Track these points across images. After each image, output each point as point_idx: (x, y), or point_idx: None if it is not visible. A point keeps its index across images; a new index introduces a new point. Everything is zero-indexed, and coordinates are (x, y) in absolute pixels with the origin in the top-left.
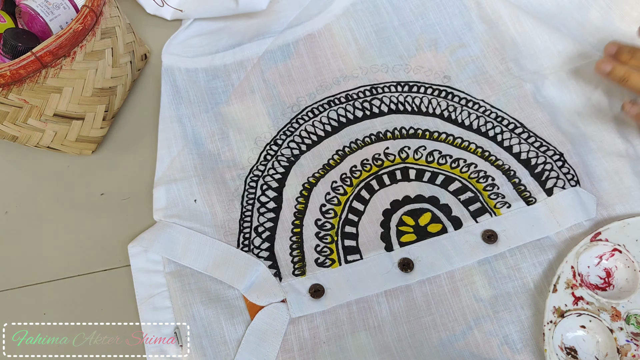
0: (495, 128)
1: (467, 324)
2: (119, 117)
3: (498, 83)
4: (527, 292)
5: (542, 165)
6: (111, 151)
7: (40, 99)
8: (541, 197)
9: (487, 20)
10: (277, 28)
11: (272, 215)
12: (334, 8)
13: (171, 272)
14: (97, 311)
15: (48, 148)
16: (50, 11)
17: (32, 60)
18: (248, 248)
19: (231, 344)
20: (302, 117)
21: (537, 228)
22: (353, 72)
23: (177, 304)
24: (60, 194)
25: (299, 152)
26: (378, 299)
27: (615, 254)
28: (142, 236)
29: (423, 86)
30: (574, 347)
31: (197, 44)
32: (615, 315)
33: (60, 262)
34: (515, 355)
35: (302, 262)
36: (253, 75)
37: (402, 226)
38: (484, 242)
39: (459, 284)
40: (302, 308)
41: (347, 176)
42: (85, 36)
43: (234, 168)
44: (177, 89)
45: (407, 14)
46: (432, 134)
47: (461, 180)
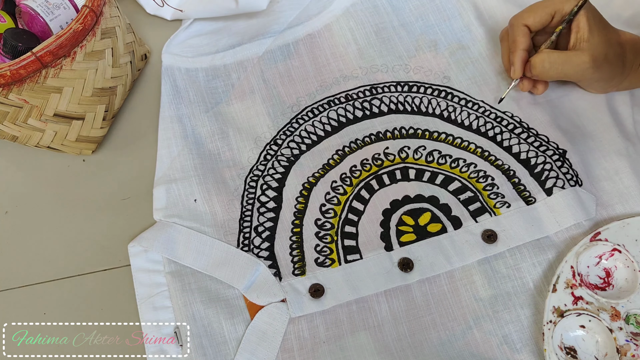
0: (494, 128)
1: (467, 323)
2: (119, 117)
3: (497, 84)
4: (526, 291)
5: (541, 165)
6: (111, 151)
7: (41, 99)
8: (541, 196)
9: (485, 23)
10: (277, 28)
11: (272, 215)
12: (334, 8)
13: (171, 271)
14: (97, 311)
15: (48, 148)
16: (51, 11)
17: (32, 60)
18: (248, 248)
19: (231, 343)
20: (302, 117)
21: (537, 228)
22: (353, 72)
23: (177, 304)
24: (60, 194)
25: (299, 152)
26: (378, 298)
27: (614, 253)
28: (142, 236)
29: (423, 86)
30: (573, 346)
31: (197, 44)
32: (614, 315)
33: (60, 262)
34: (514, 355)
35: (302, 262)
36: (253, 75)
37: (401, 226)
38: (483, 241)
39: (458, 283)
40: (302, 308)
41: (347, 176)
42: (86, 36)
43: (233, 168)
44: (177, 88)
45: (406, 15)
46: (432, 134)
47: (461, 180)
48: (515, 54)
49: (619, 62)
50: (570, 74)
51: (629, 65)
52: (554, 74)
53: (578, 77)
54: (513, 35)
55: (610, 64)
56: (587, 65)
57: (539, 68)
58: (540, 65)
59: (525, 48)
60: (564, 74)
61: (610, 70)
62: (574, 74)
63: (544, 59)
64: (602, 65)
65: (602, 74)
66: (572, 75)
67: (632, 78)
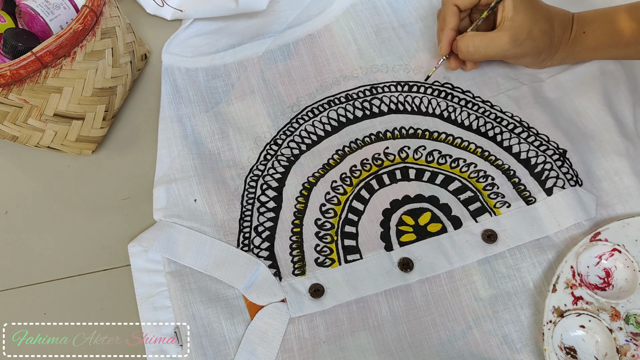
0: (494, 128)
1: (467, 323)
2: (119, 117)
3: (497, 85)
4: (526, 291)
5: (541, 165)
6: (111, 151)
7: (41, 99)
8: (541, 196)
9: None
10: (277, 28)
11: (272, 214)
12: (334, 8)
13: (171, 271)
14: (97, 311)
15: (48, 148)
16: (51, 11)
17: (32, 60)
18: (248, 248)
19: (231, 343)
20: (302, 117)
21: (537, 228)
22: (353, 72)
23: (177, 304)
24: (60, 194)
25: (299, 152)
26: (378, 298)
27: (614, 253)
28: (142, 236)
29: (423, 86)
30: (573, 346)
31: (197, 43)
32: (614, 315)
33: (60, 262)
34: (514, 355)
35: (302, 262)
36: (253, 75)
37: (402, 226)
38: (483, 241)
39: (458, 283)
40: (302, 308)
41: (347, 176)
42: (86, 36)
43: (233, 168)
44: (177, 88)
45: (406, 16)
46: (432, 133)
47: (461, 180)
48: (442, 32)
49: (545, 38)
50: (493, 55)
51: (557, 40)
52: (479, 56)
53: (502, 57)
54: (443, 14)
55: (535, 40)
56: (507, 45)
57: (463, 51)
58: (464, 48)
59: (452, 27)
60: (487, 55)
61: (534, 47)
62: (496, 54)
63: (468, 43)
64: (524, 42)
65: (525, 50)
66: (496, 55)
67: (563, 52)
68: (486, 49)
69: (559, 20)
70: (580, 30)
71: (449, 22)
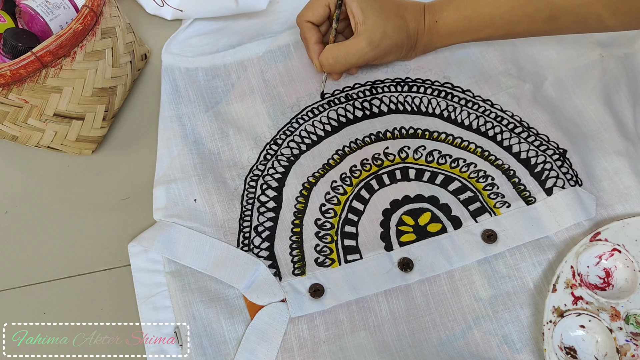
0: (494, 128)
1: (467, 323)
2: (119, 117)
3: (497, 83)
4: (526, 291)
5: (541, 165)
6: (111, 151)
7: (41, 99)
8: (541, 196)
9: None
10: (277, 28)
11: (272, 214)
12: None
13: (171, 271)
14: (97, 311)
15: (48, 148)
16: (51, 11)
17: (32, 60)
18: (248, 247)
19: (231, 343)
20: (302, 116)
21: (537, 228)
22: (352, 71)
23: (177, 304)
24: (60, 194)
25: (299, 152)
26: (378, 298)
27: (614, 253)
28: (142, 236)
29: (423, 86)
30: (573, 346)
31: (197, 43)
32: (614, 315)
33: (60, 262)
34: (514, 355)
35: (302, 262)
36: (253, 75)
37: (401, 226)
38: (483, 241)
39: (458, 283)
40: (302, 308)
41: (347, 176)
42: (85, 36)
43: (233, 167)
44: (177, 88)
45: None
46: (432, 133)
47: (461, 180)
48: (309, 50)
49: (401, 32)
50: (354, 61)
51: (414, 32)
52: (341, 66)
53: (364, 61)
54: (302, 33)
55: (391, 38)
56: (365, 49)
57: (325, 64)
58: (325, 61)
59: (315, 41)
60: (350, 63)
61: (393, 44)
62: (357, 60)
63: (328, 56)
64: (381, 43)
65: (384, 50)
66: (357, 61)
67: (423, 41)
68: (346, 57)
69: (411, 13)
70: (433, 20)
71: (310, 38)
